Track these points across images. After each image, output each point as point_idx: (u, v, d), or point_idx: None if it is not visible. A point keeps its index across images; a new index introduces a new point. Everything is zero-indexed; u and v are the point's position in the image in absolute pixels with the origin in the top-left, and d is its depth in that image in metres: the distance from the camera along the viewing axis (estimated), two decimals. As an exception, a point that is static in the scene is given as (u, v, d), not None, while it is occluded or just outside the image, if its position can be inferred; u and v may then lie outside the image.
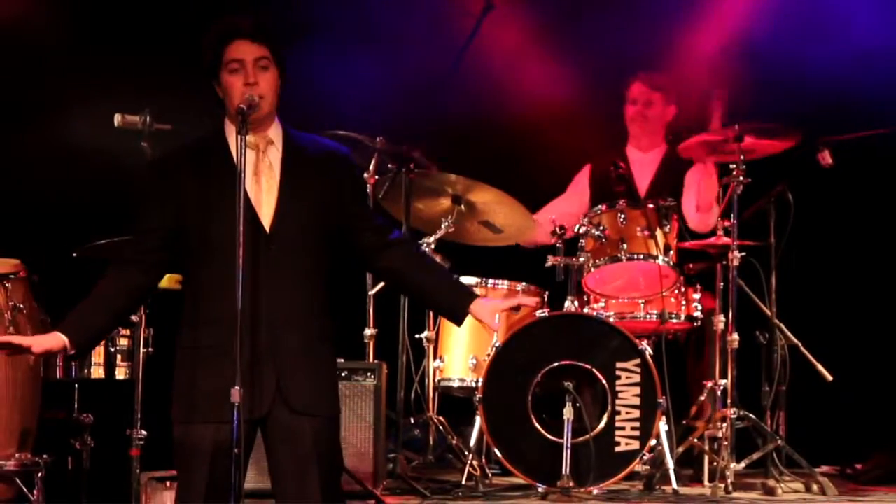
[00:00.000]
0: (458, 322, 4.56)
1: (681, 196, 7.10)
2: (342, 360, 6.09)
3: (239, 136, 4.32)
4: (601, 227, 6.62)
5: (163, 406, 4.75)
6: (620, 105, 7.47)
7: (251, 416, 4.35)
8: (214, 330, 4.34)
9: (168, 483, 5.96)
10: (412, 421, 7.01)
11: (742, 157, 6.52)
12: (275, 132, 4.51)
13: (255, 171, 4.46)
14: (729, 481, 6.23)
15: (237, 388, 4.23)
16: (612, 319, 6.57)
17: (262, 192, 4.44)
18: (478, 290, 6.83)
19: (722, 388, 6.52)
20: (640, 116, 7.34)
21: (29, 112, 7.47)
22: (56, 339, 4.39)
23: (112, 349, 6.28)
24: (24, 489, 5.83)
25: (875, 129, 6.90)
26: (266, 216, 4.42)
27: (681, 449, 6.50)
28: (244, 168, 4.31)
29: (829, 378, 6.97)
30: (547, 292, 6.93)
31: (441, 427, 6.87)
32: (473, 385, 6.73)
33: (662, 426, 6.34)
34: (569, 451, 6.18)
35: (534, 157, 8.04)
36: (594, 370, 6.33)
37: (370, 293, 6.83)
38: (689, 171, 7.15)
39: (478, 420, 6.49)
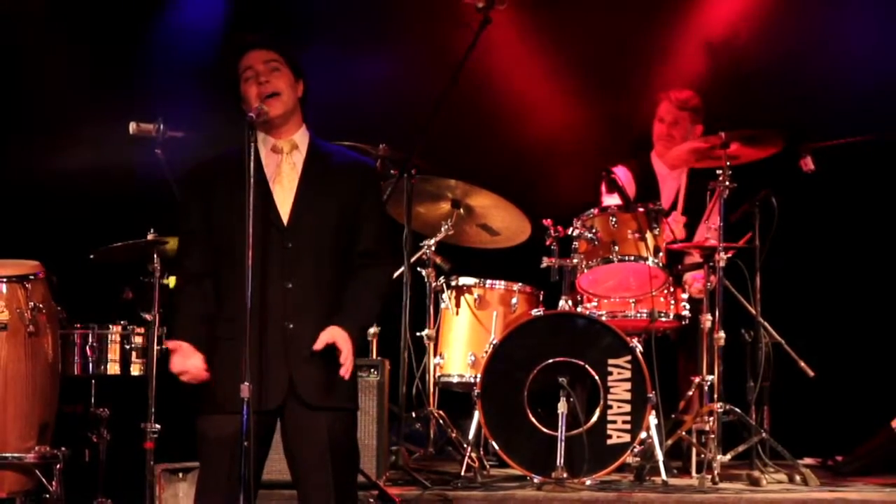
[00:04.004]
0: None
1: (701, 216, 7.06)
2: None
3: (249, 144, 4.38)
4: (594, 230, 6.62)
5: (176, 401, 4.77)
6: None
7: (264, 408, 4.37)
8: (232, 325, 4.37)
9: (181, 474, 5.97)
10: (413, 415, 7.01)
11: (728, 164, 6.51)
12: (300, 138, 4.58)
13: (278, 171, 4.52)
14: (716, 472, 6.23)
15: (246, 383, 4.25)
16: (604, 318, 6.58)
17: (283, 190, 4.50)
18: (476, 290, 6.89)
19: (709, 383, 6.52)
20: (665, 136, 7.26)
21: (46, 121, 7.48)
22: (201, 359, 4.45)
23: (127, 346, 6.30)
24: (44, 480, 5.85)
25: (854, 136, 6.90)
26: (284, 213, 4.47)
27: (670, 441, 6.50)
28: (251, 173, 4.36)
29: (811, 374, 6.98)
30: (542, 292, 6.95)
31: (441, 421, 6.87)
32: (472, 381, 6.74)
33: (652, 420, 6.34)
34: (563, 444, 6.18)
35: (530, 162, 8.05)
36: (587, 366, 6.34)
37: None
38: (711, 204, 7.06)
39: (476, 414, 6.51)
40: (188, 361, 4.42)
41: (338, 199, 4.52)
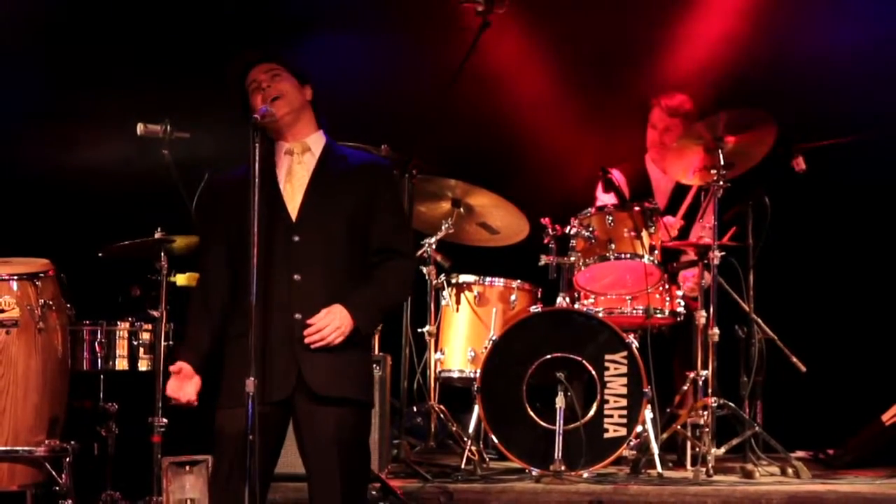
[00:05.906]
0: None
1: (695, 218, 7.07)
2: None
3: (253, 143, 4.42)
4: (591, 229, 6.65)
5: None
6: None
7: (273, 399, 4.40)
8: (244, 320, 4.40)
9: (187, 467, 5.99)
10: (415, 409, 7.04)
11: (722, 162, 6.52)
12: (314, 141, 4.64)
13: (289, 171, 4.58)
14: (710, 465, 6.25)
15: (251, 378, 4.28)
16: (600, 314, 6.60)
17: (293, 188, 4.55)
18: (476, 288, 6.91)
19: (703, 378, 6.54)
20: (658, 142, 7.27)
21: (54, 122, 7.50)
22: (196, 384, 4.53)
23: (135, 342, 6.32)
24: (53, 473, 5.86)
25: (845, 136, 6.92)
26: (293, 210, 4.51)
27: (665, 435, 6.53)
28: (257, 171, 4.40)
29: (804, 369, 7.01)
30: (540, 289, 6.97)
31: (442, 415, 6.90)
32: (472, 376, 6.77)
33: (648, 414, 6.36)
34: (561, 438, 6.21)
35: (529, 162, 8.06)
36: (584, 362, 6.36)
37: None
38: (705, 204, 7.06)
39: (476, 408, 6.53)
40: (183, 388, 4.50)
41: (349, 197, 4.55)
